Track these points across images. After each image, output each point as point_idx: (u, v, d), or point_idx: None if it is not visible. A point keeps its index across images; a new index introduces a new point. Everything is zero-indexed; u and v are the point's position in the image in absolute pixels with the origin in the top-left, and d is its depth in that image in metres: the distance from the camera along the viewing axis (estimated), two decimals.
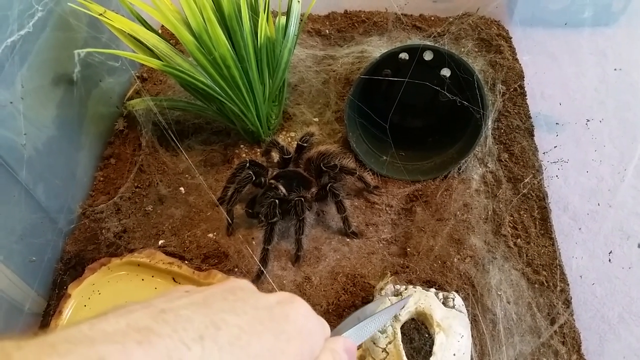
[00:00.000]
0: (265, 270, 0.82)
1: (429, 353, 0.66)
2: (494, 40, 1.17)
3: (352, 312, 0.69)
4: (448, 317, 0.70)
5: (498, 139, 1.04)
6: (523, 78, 1.12)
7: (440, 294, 0.74)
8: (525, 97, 1.10)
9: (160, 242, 0.88)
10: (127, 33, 0.86)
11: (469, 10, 1.23)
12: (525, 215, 0.93)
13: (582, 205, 0.90)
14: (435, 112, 1.09)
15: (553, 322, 0.81)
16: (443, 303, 0.72)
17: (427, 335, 0.70)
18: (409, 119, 1.11)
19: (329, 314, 0.80)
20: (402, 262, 0.85)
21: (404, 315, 0.70)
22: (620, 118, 0.92)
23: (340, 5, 1.30)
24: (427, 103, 1.07)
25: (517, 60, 1.15)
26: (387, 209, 0.95)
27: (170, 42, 0.88)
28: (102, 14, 0.83)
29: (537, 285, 0.85)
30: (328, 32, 1.25)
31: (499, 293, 0.82)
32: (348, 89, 1.04)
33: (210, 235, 0.89)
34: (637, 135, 0.87)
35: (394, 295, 0.73)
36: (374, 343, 0.68)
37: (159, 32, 0.93)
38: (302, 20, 0.99)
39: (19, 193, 0.77)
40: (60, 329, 0.26)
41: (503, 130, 1.05)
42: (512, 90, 1.10)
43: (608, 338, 0.78)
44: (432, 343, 0.67)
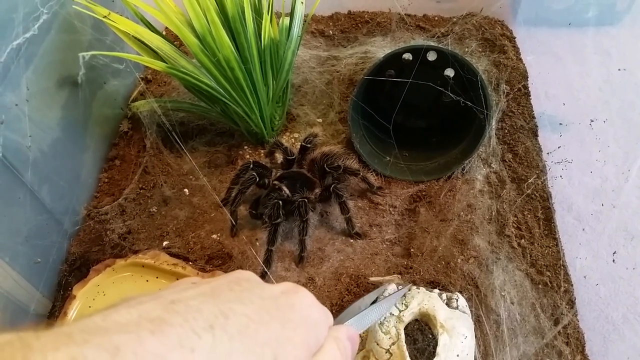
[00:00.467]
0: (269, 271, 0.83)
1: (433, 354, 0.66)
2: (498, 40, 1.17)
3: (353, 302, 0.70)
4: (452, 317, 0.69)
5: (502, 139, 1.04)
6: (527, 78, 1.12)
7: (444, 295, 0.74)
8: (529, 97, 1.10)
9: (165, 243, 0.88)
10: (131, 35, 0.86)
11: (473, 10, 1.22)
12: (529, 216, 0.93)
13: (586, 206, 0.90)
14: (439, 112, 1.09)
15: (557, 322, 0.80)
16: (447, 304, 0.72)
17: (430, 336, 0.70)
18: (413, 120, 1.11)
19: (333, 315, 0.79)
20: (405, 262, 0.85)
21: (408, 316, 0.70)
22: (625, 118, 0.92)
23: (344, 6, 1.30)
24: (430, 103, 1.07)
25: (521, 60, 1.15)
26: (390, 210, 0.95)
27: (174, 44, 0.89)
28: (106, 16, 0.84)
29: (540, 286, 0.84)
30: (332, 32, 1.25)
31: (503, 294, 0.82)
32: (352, 90, 1.04)
33: (214, 237, 0.89)
34: None
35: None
36: (378, 344, 0.68)
37: (163, 34, 0.93)
38: (305, 21, 0.99)
39: (24, 195, 0.77)
40: (74, 321, 0.27)
41: (507, 131, 1.05)
42: (516, 91, 1.10)
43: (612, 338, 0.77)
44: (435, 344, 0.67)
